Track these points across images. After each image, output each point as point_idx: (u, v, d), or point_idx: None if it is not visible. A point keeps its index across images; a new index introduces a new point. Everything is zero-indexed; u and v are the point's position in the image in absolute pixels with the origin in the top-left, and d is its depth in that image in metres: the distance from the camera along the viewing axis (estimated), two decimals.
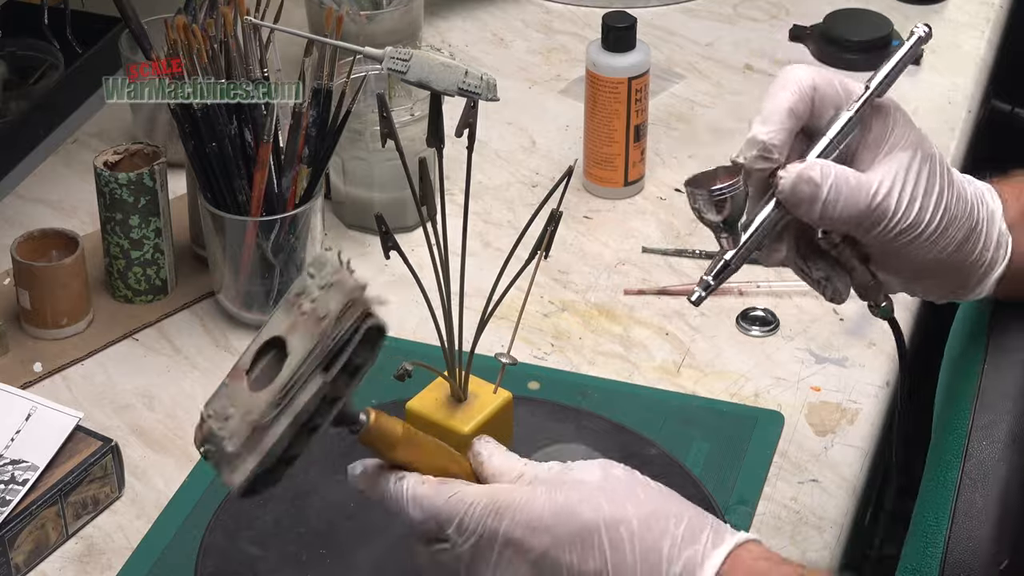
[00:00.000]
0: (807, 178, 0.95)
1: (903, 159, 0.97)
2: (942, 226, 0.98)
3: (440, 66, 0.92)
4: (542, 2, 1.82)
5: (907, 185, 0.97)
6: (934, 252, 0.99)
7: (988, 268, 1.03)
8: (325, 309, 0.86)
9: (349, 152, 1.42)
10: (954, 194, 0.99)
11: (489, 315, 1.06)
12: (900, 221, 0.97)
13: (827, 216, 0.96)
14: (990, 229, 1.02)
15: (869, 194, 0.96)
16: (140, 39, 1.40)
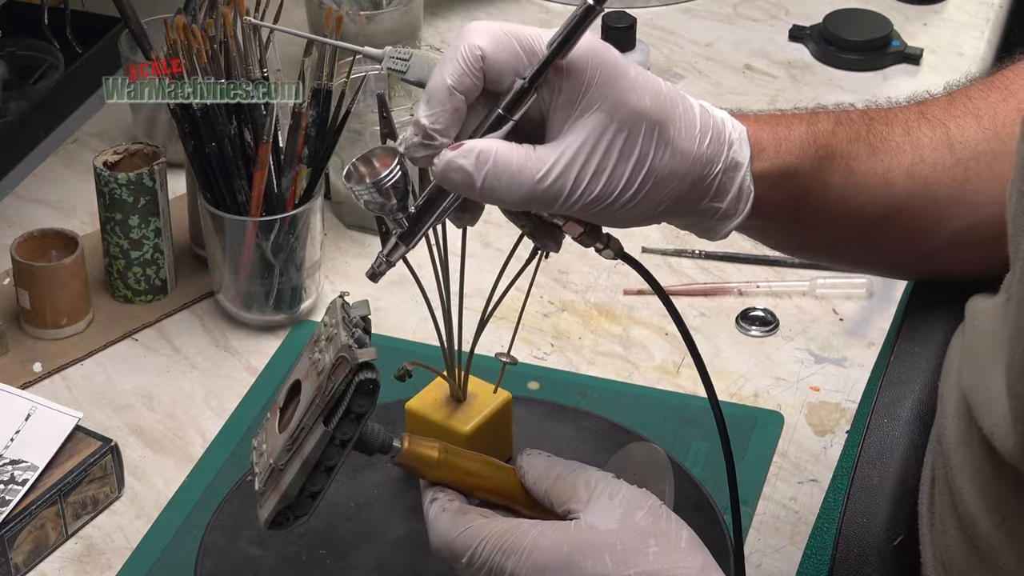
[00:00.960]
0: (456, 167, 0.87)
1: (591, 126, 0.88)
2: (643, 191, 0.89)
3: None
4: (542, 2, 1.82)
5: (593, 156, 0.88)
6: (640, 212, 0.91)
7: (722, 217, 0.94)
8: (323, 363, 0.89)
9: (349, 152, 1.42)
10: (665, 153, 0.89)
11: (489, 315, 1.06)
12: (582, 196, 0.88)
13: (489, 199, 0.89)
14: (726, 179, 0.93)
15: (534, 177, 0.87)
16: (140, 39, 1.40)
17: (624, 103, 0.88)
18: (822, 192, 0.96)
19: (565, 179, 0.87)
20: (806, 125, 0.96)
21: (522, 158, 0.87)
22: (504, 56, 0.88)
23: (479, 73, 0.88)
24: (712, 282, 1.39)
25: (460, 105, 0.88)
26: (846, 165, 0.97)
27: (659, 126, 0.89)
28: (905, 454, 0.97)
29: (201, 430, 1.25)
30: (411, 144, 0.88)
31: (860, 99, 1.65)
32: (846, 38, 1.70)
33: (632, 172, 0.89)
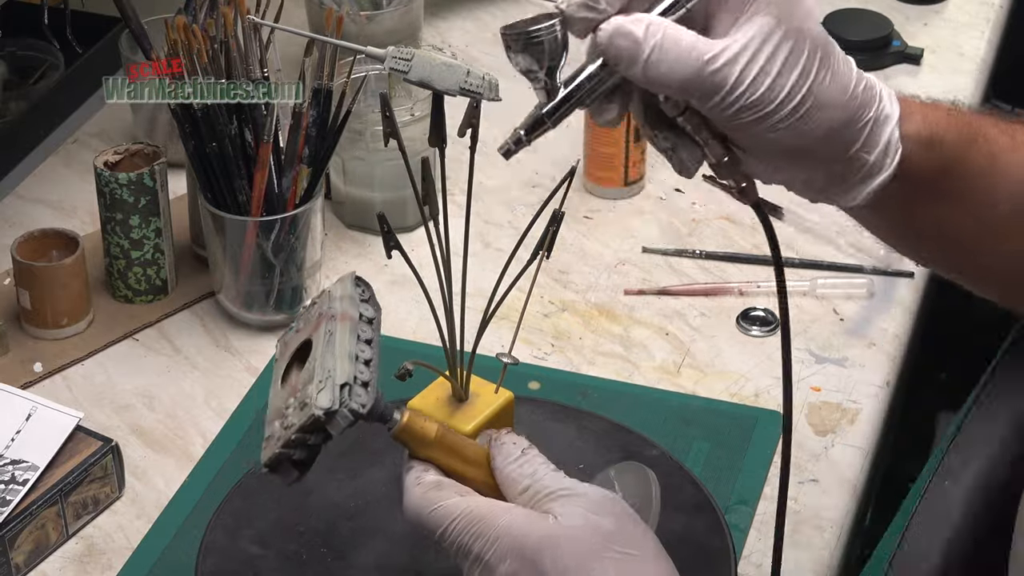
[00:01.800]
0: (626, 32, 0.84)
1: (760, 27, 0.85)
2: (803, 109, 0.87)
3: (442, 66, 0.92)
4: (542, 2, 1.82)
5: (758, 56, 0.85)
6: (793, 136, 0.88)
7: (867, 173, 0.92)
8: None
9: (349, 152, 1.42)
10: (826, 77, 0.87)
11: (491, 315, 1.06)
12: (744, 95, 0.85)
13: (651, 77, 0.85)
14: (877, 130, 0.91)
15: (701, 59, 0.84)
16: (140, 39, 1.40)
17: (794, 15, 0.86)
18: (963, 171, 0.94)
19: (731, 70, 0.85)
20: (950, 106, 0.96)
21: (692, 39, 0.85)
22: None
23: None
24: (713, 282, 1.39)
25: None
26: (988, 150, 0.95)
27: (823, 49, 0.87)
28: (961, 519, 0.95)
29: (201, 430, 1.25)
30: (573, 4, 0.85)
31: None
32: (846, 38, 1.70)
33: (795, 84, 0.86)
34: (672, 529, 1.08)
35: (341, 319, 0.91)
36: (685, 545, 1.07)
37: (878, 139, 0.91)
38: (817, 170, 0.91)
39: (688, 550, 1.07)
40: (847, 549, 1.19)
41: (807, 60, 0.86)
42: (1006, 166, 0.95)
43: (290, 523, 1.10)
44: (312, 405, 0.86)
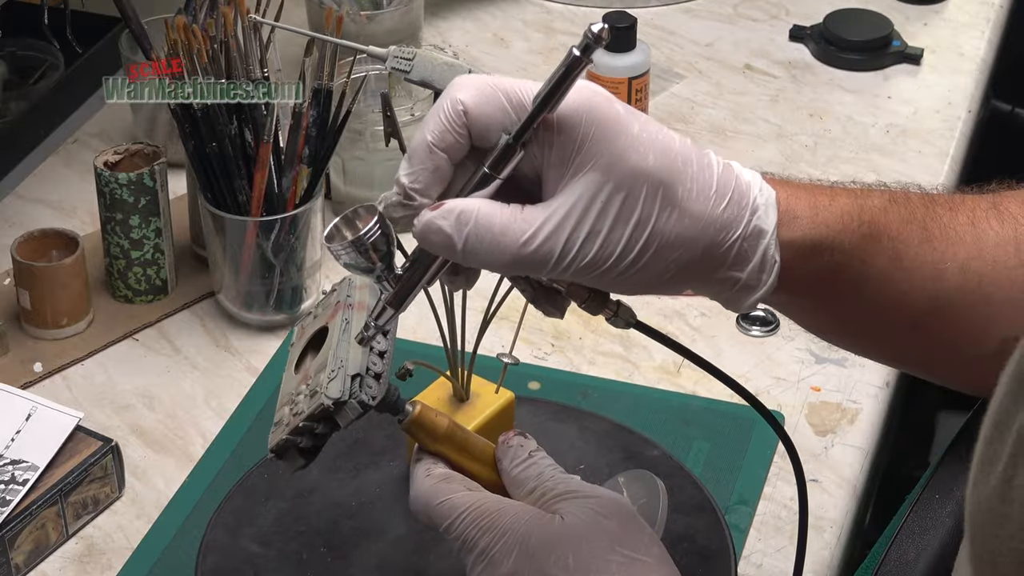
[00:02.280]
0: (435, 228, 0.81)
1: (585, 185, 0.81)
2: (647, 255, 0.83)
3: (444, 65, 0.92)
4: (542, 2, 1.82)
5: (585, 218, 0.81)
6: (644, 279, 0.84)
7: (744, 288, 0.87)
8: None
9: (349, 152, 1.42)
10: (671, 215, 0.83)
11: (491, 315, 1.06)
12: (574, 261, 0.82)
13: (473, 264, 0.83)
14: (747, 247, 0.85)
15: (519, 240, 0.81)
16: (140, 39, 1.40)
17: (622, 162, 0.82)
18: (862, 273, 0.89)
19: (554, 243, 0.81)
20: (853, 198, 0.89)
21: (506, 219, 0.81)
22: (490, 110, 0.83)
23: (462, 129, 0.83)
24: None
25: (442, 164, 0.83)
26: (893, 248, 0.89)
27: (664, 187, 0.82)
28: (949, 533, 0.93)
29: (201, 430, 1.25)
30: (390, 203, 0.84)
31: (861, 99, 1.66)
32: (846, 38, 1.70)
33: (631, 236, 0.82)
34: (672, 529, 1.08)
35: (359, 308, 0.91)
36: (685, 545, 1.07)
37: (749, 257, 0.86)
38: (689, 289, 0.88)
39: (688, 550, 1.07)
40: (847, 549, 1.19)
41: (644, 207, 0.82)
42: (913, 262, 0.90)
43: (290, 522, 1.10)
44: (322, 394, 0.86)
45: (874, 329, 0.93)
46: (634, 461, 1.14)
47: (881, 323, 0.92)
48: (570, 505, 0.88)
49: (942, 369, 0.97)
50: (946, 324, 0.91)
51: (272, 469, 1.14)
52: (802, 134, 1.60)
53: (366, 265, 0.85)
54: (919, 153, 1.57)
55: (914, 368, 1.00)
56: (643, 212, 0.82)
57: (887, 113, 1.64)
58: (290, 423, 0.88)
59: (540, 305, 0.89)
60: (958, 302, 0.90)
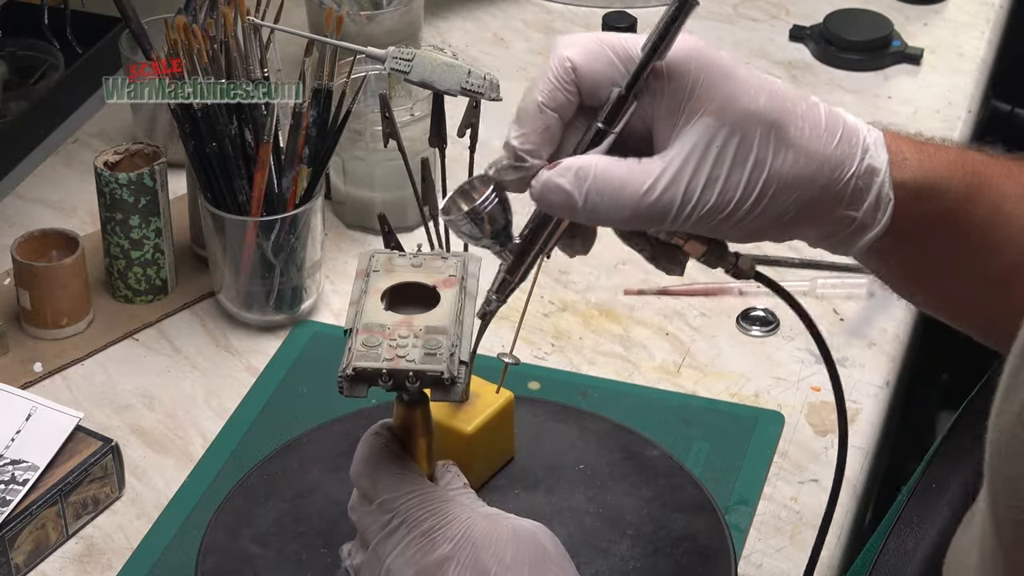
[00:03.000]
0: (554, 187, 0.82)
1: (700, 131, 0.82)
2: (766, 199, 0.83)
3: (443, 66, 0.92)
4: (542, 2, 1.82)
5: (703, 164, 0.82)
6: (764, 222, 0.85)
7: (858, 229, 0.88)
8: None
9: (349, 152, 1.42)
10: (787, 156, 0.83)
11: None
12: (695, 209, 0.82)
13: (594, 221, 0.83)
14: (862, 185, 0.86)
15: (639, 191, 0.81)
16: (140, 39, 1.40)
17: (734, 105, 0.82)
18: (966, 220, 0.89)
19: (675, 191, 0.82)
20: (956, 150, 0.90)
21: (625, 172, 0.82)
22: (598, 66, 0.83)
23: (572, 87, 0.83)
24: (713, 282, 1.39)
25: (552, 123, 0.83)
26: (993, 199, 0.90)
27: (776, 127, 0.83)
28: (946, 523, 0.93)
29: (201, 430, 1.25)
30: (501, 167, 0.84)
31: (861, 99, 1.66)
32: (846, 38, 1.70)
33: (750, 178, 0.82)
34: (672, 529, 1.09)
35: (469, 296, 0.90)
36: (685, 545, 1.07)
37: (864, 194, 0.87)
38: (804, 232, 0.89)
39: (688, 550, 1.07)
40: (847, 549, 1.19)
41: (759, 148, 0.83)
42: (1010, 215, 0.91)
43: (290, 523, 1.10)
44: (444, 361, 0.84)
45: (966, 282, 0.93)
46: (634, 461, 1.14)
47: (974, 276, 0.92)
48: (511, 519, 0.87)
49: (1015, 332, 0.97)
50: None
51: (272, 469, 1.14)
52: None
53: (481, 235, 0.85)
54: None
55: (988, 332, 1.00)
56: (759, 154, 0.83)
57: (887, 113, 1.64)
58: (393, 360, 0.85)
59: (659, 263, 0.89)
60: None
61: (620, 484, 1.12)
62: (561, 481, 1.12)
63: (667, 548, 1.07)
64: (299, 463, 1.15)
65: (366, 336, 0.87)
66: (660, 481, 1.13)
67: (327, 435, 1.17)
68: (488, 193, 0.85)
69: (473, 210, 0.85)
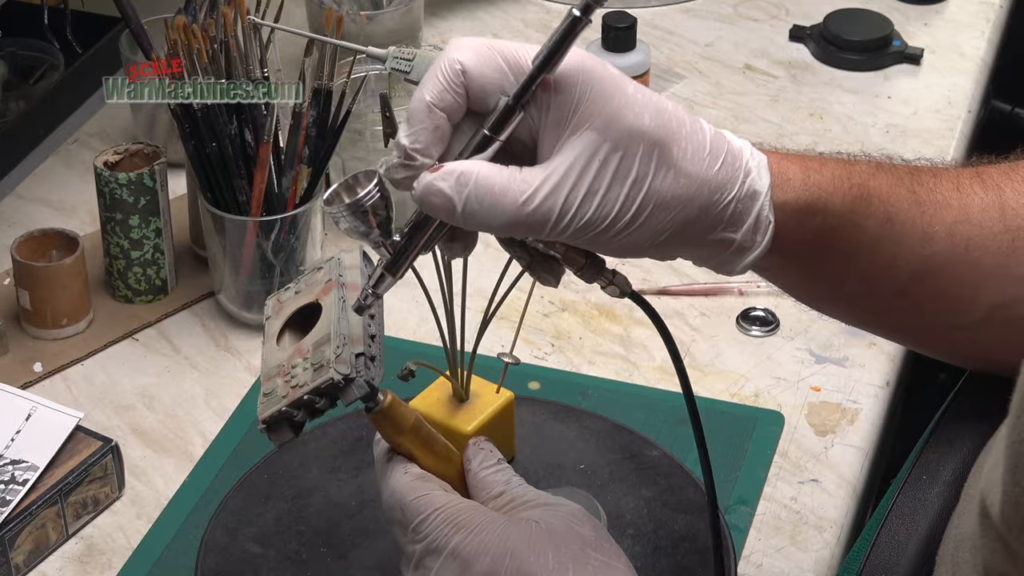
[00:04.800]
0: (435, 190, 0.82)
1: (582, 145, 0.82)
2: (643, 216, 0.84)
3: None
4: (542, 2, 1.82)
5: (584, 177, 0.82)
6: (641, 239, 0.85)
7: (737, 250, 0.88)
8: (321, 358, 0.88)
9: (349, 152, 1.42)
10: (667, 176, 0.84)
11: (491, 315, 1.06)
12: (573, 220, 0.83)
13: (473, 225, 0.84)
14: (742, 208, 0.86)
15: (518, 200, 0.82)
16: (140, 39, 1.40)
17: (619, 121, 0.83)
18: (854, 234, 0.90)
19: (553, 202, 0.82)
20: (842, 164, 0.91)
21: (506, 180, 0.82)
22: (488, 72, 0.84)
23: (461, 90, 0.83)
24: (713, 282, 1.39)
25: (441, 123, 0.84)
26: (883, 210, 0.90)
27: (660, 146, 0.84)
28: (938, 514, 0.93)
29: (201, 430, 1.25)
30: (391, 165, 0.85)
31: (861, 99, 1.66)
32: (846, 38, 1.70)
33: (628, 194, 0.83)
34: (672, 529, 1.09)
35: (351, 288, 0.91)
36: (685, 545, 1.07)
37: (744, 217, 0.87)
38: (682, 251, 0.89)
39: (688, 550, 1.07)
40: (847, 549, 1.19)
41: (640, 166, 0.83)
42: (903, 224, 0.91)
43: (290, 522, 1.10)
44: (331, 368, 0.85)
45: (863, 295, 0.94)
46: (634, 461, 1.14)
47: (871, 288, 0.93)
48: (541, 512, 0.88)
49: (928, 337, 0.98)
50: (934, 290, 0.92)
51: (273, 468, 1.14)
52: (802, 134, 1.60)
53: (365, 229, 0.85)
54: (919, 153, 1.57)
55: (901, 336, 1.02)
56: (639, 171, 0.83)
57: (887, 113, 1.64)
58: (288, 395, 0.87)
59: (536, 273, 0.89)
60: (946, 267, 0.91)
61: (620, 484, 1.12)
62: (561, 481, 1.12)
63: (667, 548, 1.08)
64: (299, 462, 1.15)
65: (265, 385, 0.89)
66: (660, 481, 1.13)
67: (326, 435, 1.17)
68: (371, 187, 0.86)
69: (355, 202, 0.85)
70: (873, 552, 0.93)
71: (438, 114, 0.83)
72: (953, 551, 0.85)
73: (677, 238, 0.86)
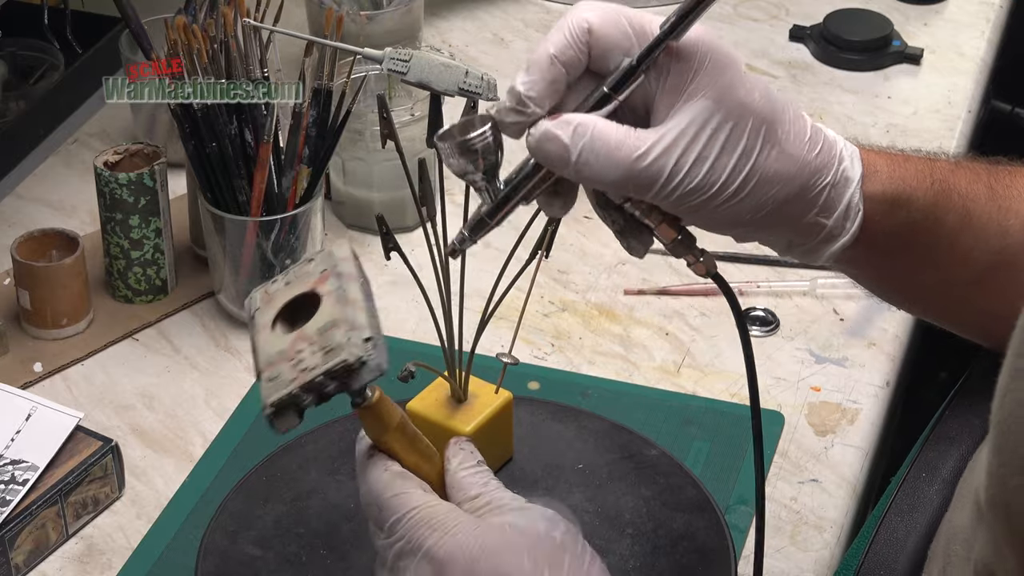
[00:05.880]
0: (552, 136, 0.84)
1: (698, 111, 0.85)
2: (747, 189, 0.86)
3: (440, 66, 0.92)
4: (542, 2, 1.82)
5: (694, 144, 0.85)
6: (741, 213, 0.87)
7: (827, 237, 0.91)
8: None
9: (349, 152, 1.42)
10: (771, 152, 0.87)
11: (489, 315, 1.06)
12: (681, 183, 0.85)
13: (583, 178, 0.85)
14: (834, 194, 0.90)
15: (632, 155, 0.84)
16: (140, 39, 1.40)
17: (733, 93, 0.85)
18: (935, 228, 0.93)
19: (664, 162, 0.84)
20: (924, 160, 0.94)
21: (622, 135, 0.84)
22: (612, 33, 0.86)
23: (584, 47, 0.85)
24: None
25: (559, 76, 0.85)
26: (963, 205, 0.93)
27: (767, 124, 0.86)
28: (936, 511, 0.94)
29: (201, 430, 1.25)
30: (503, 108, 0.86)
31: (861, 99, 1.66)
32: (846, 38, 1.70)
33: (736, 165, 0.85)
34: (671, 528, 1.09)
35: (348, 278, 0.91)
36: (685, 545, 1.07)
37: (836, 204, 0.90)
38: (774, 235, 0.91)
39: (688, 549, 1.07)
40: (847, 549, 1.19)
41: (749, 139, 0.86)
42: (980, 218, 0.94)
43: (290, 524, 1.10)
44: (343, 350, 0.84)
45: (939, 286, 0.96)
46: (634, 461, 1.14)
47: (948, 280, 0.95)
48: (516, 516, 0.88)
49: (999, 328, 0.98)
50: (1008, 280, 0.95)
51: (271, 471, 1.14)
52: None
53: (471, 169, 0.87)
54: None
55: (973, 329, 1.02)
56: (748, 144, 0.86)
57: (887, 113, 1.64)
58: (297, 378, 0.85)
59: (625, 239, 0.90)
60: (1020, 257, 0.94)
61: (619, 484, 1.12)
62: (560, 481, 1.12)
63: (667, 548, 1.08)
64: (298, 464, 1.15)
65: (268, 371, 0.88)
66: (660, 481, 1.13)
67: (326, 436, 1.17)
68: (484, 129, 0.87)
69: (466, 141, 0.86)
70: (872, 549, 0.93)
71: (558, 67, 0.85)
72: (945, 544, 0.85)
73: (774, 216, 0.89)
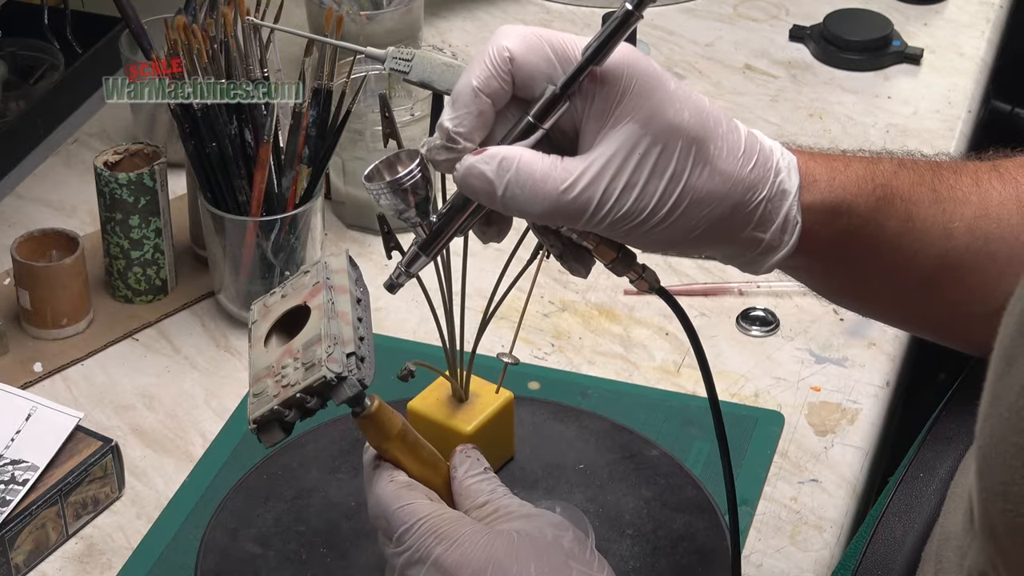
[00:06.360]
0: (477, 172, 0.83)
1: (624, 137, 0.83)
2: (678, 211, 0.85)
3: (442, 66, 0.92)
4: (542, 2, 1.82)
5: (622, 170, 0.83)
6: (674, 234, 0.86)
7: (765, 250, 0.90)
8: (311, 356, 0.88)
9: (349, 152, 1.42)
10: (703, 172, 0.85)
11: (491, 315, 1.06)
12: (611, 211, 0.84)
13: (511, 210, 0.85)
14: (771, 208, 0.88)
15: (559, 187, 0.83)
16: (140, 39, 1.40)
17: (660, 116, 0.84)
18: (877, 234, 0.92)
19: (592, 192, 0.83)
20: (865, 164, 0.92)
21: (547, 167, 0.83)
22: (535, 60, 0.85)
23: (507, 76, 0.84)
24: (713, 282, 1.39)
25: (486, 108, 0.85)
26: (905, 209, 0.92)
27: (697, 143, 0.85)
28: (934, 511, 0.94)
29: (201, 430, 1.25)
30: (433, 146, 0.85)
31: (860, 99, 1.66)
32: (846, 38, 1.70)
33: (666, 189, 0.84)
34: (672, 528, 1.09)
35: (340, 291, 0.91)
36: (685, 545, 1.07)
37: (773, 218, 0.89)
38: (712, 250, 0.91)
39: (688, 550, 1.07)
40: (847, 549, 1.19)
41: (678, 161, 0.85)
42: (924, 222, 0.93)
43: (290, 522, 1.10)
44: (323, 367, 0.85)
45: (886, 290, 0.96)
46: (634, 461, 1.14)
47: (893, 283, 0.95)
48: (524, 523, 0.88)
49: (948, 328, 0.99)
50: (954, 283, 0.94)
51: (272, 469, 1.14)
52: (802, 134, 1.60)
53: (403, 208, 0.87)
54: (919, 154, 1.57)
55: (921, 328, 1.03)
56: (678, 166, 0.85)
57: (887, 113, 1.64)
58: (279, 394, 0.87)
59: (567, 262, 0.90)
60: (966, 260, 0.93)
61: (619, 484, 1.12)
62: (561, 481, 1.12)
63: (667, 548, 1.08)
64: (298, 463, 1.15)
65: (255, 386, 0.89)
66: (660, 481, 1.13)
67: (326, 435, 1.17)
68: (412, 167, 0.87)
69: (396, 181, 0.87)
70: (869, 549, 0.94)
71: (483, 99, 0.84)
72: (937, 549, 0.85)
73: (709, 234, 0.87)
